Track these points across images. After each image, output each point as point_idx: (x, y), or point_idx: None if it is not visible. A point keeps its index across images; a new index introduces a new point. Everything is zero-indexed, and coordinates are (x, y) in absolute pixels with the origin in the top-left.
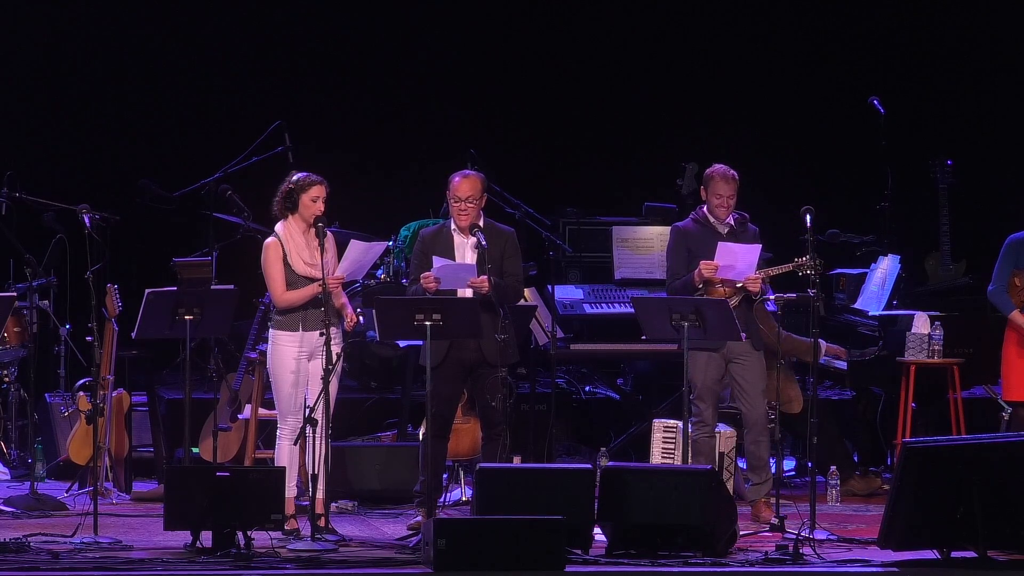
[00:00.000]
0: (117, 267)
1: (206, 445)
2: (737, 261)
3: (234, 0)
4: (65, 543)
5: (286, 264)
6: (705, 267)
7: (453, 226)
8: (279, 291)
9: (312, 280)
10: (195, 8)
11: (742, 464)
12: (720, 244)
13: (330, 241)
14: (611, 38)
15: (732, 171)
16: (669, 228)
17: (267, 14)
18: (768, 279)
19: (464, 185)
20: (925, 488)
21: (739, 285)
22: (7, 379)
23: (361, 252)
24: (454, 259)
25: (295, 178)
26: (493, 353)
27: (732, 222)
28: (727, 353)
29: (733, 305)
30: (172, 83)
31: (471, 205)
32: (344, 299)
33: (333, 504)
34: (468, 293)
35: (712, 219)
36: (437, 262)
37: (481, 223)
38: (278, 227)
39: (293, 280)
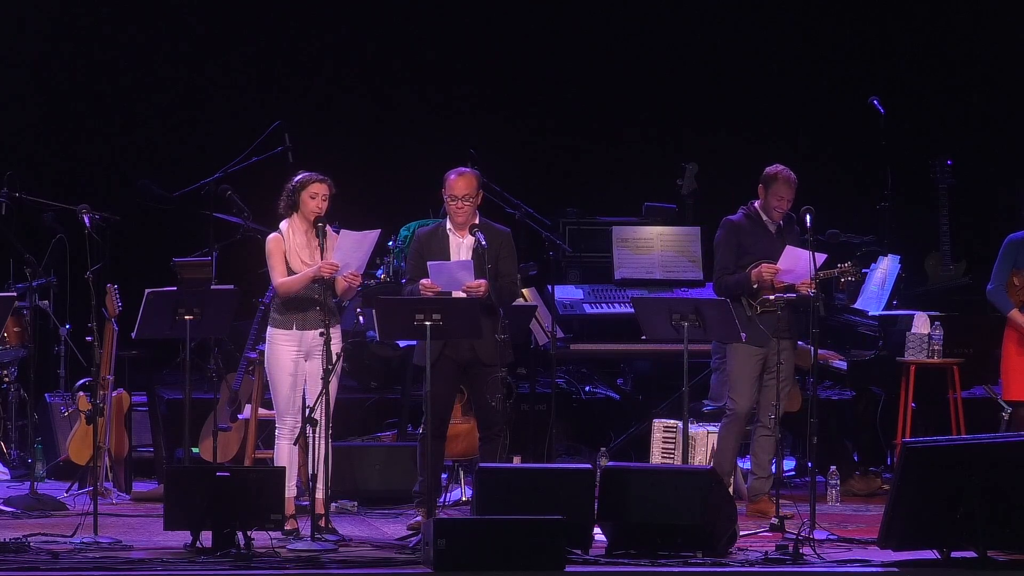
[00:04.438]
0: (117, 267)
1: (206, 445)
2: (798, 266)
3: (234, 0)
4: (65, 543)
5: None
6: (767, 269)
7: (449, 225)
8: (279, 279)
9: (311, 281)
10: (195, 8)
11: (742, 464)
12: (788, 248)
13: (334, 239)
14: (611, 38)
15: (793, 174)
16: (668, 228)
17: (267, 14)
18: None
19: (460, 183)
20: (925, 488)
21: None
22: (7, 379)
23: (355, 243)
24: (449, 259)
25: (297, 177)
26: (487, 353)
27: (780, 220)
28: (768, 350)
29: (781, 307)
30: (172, 83)
31: (467, 204)
32: (344, 283)
33: (333, 504)
34: (461, 295)
35: (764, 217)
36: (432, 266)
37: (477, 221)
38: (282, 224)
39: None
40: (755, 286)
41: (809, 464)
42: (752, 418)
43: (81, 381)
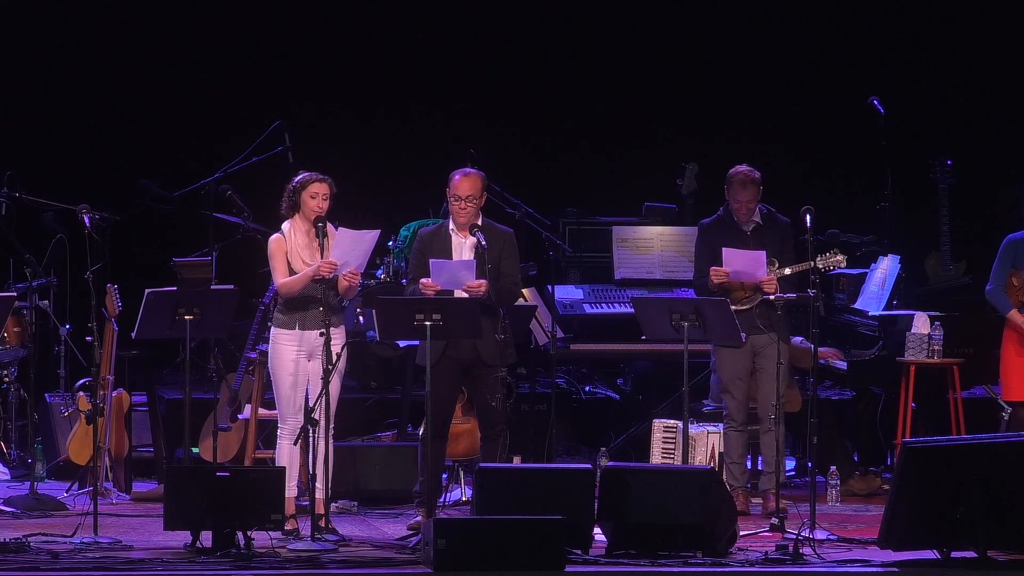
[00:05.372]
0: (117, 267)
1: (206, 445)
2: (745, 265)
3: (234, 1)
4: (65, 543)
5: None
6: (715, 274)
7: (451, 226)
8: (280, 279)
9: (311, 281)
10: (195, 7)
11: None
12: (724, 250)
13: (335, 238)
14: (611, 38)
15: (754, 174)
16: (668, 228)
17: (267, 13)
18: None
19: (464, 184)
20: (925, 488)
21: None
22: (7, 379)
23: (352, 241)
24: (452, 259)
25: (297, 177)
26: (489, 353)
27: (759, 219)
28: (754, 347)
29: (752, 306)
30: (172, 83)
31: (471, 204)
32: (344, 282)
33: (334, 504)
34: (462, 294)
35: (736, 218)
36: (434, 264)
37: (479, 222)
38: (284, 225)
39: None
40: (714, 289)
41: (809, 464)
42: (747, 417)
43: (81, 381)
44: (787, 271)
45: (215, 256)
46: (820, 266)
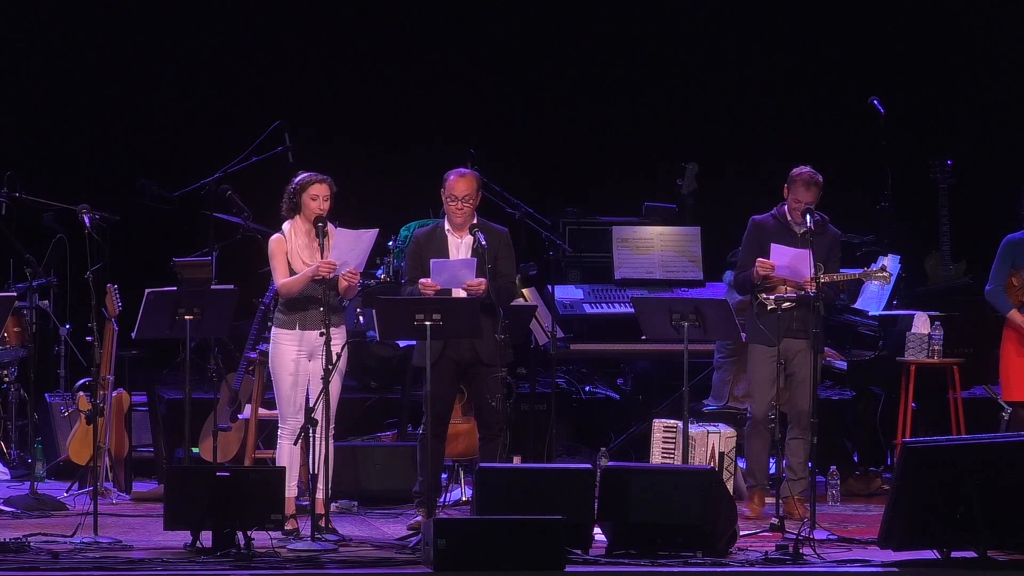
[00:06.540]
0: (117, 267)
1: (206, 445)
2: (791, 262)
3: (234, 1)
4: (65, 543)
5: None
6: (761, 265)
7: (447, 226)
8: (281, 280)
9: (311, 281)
10: (195, 8)
11: (741, 463)
12: (773, 246)
13: (336, 237)
14: (611, 38)
15: (817, 176)
16: (668, 228)
17: (267, 13)
18: (837, 283)
19: (460, 184)
20: (925, 488)
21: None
22: (7, 379)
23: (351, 240)
24: (448, 259)
25: (297, 178)
26: (488, 353)
27: (811, 223)
28: (784, 351)
29: (790, 306)
30: (172, 83)
31: (467, 204)
32: (343, 282)
33: (334, 504)
34: (460, 294)
35: (790, 217)
36: (435, 264)
37: (475, 221)
38: (284, 225)
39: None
40: (758, 283)
41: (809, 464)
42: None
43: (81, 381)
44: (826, 278)
45: (215, 256)
46: (869, 280)
